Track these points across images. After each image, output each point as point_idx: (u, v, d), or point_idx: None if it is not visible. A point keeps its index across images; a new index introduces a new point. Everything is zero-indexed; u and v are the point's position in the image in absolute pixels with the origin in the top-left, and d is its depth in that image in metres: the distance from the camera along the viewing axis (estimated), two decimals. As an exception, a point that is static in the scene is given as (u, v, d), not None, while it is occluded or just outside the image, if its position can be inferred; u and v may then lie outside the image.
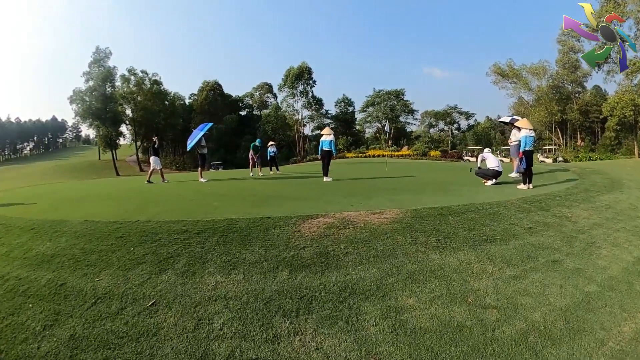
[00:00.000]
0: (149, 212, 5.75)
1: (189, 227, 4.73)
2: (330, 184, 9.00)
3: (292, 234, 4.07)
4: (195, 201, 6.88)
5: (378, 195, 6.77)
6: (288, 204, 6.04)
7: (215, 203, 6.50)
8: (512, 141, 10.90)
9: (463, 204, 5.63)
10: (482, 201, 6.01)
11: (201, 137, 11.71)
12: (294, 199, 6.61)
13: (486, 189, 7.70)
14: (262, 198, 6.92)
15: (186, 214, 5.44)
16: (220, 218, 4.96)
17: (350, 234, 4.03)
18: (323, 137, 10.38)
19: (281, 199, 6.70)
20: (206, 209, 5.85)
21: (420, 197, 6.44)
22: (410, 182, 9.26)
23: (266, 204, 6.10)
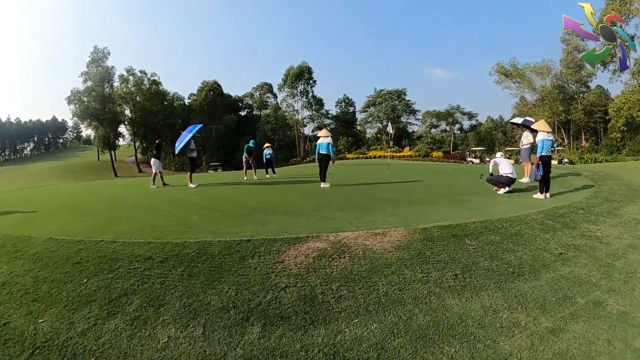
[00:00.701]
0: (119, 228, 5.08)
1: (155, 252, 4.00)
2: (328, 192, 8.24)
3: (273, 267, 3.31)
4: (173, 215, 6.13)
5: (380, 207, 6.01)
6: (276, 220, 5.28)
7: (194, 217, 5.75)
8: (524, 144, 10.15)
9: (479, 220, 4.86)
10: (500, 216, 5.25)
11: (190, 139, 10.98)
12: (284, 212, 5.84)
13: (500, 199, 6.93)
14: (248, 211, 6.16)
15: (158, 233, 4.71)
16: (193, 240, 4.22)
17: (346, 267, 3.26)
18: (320, 140, 9.62)
19: (269, 212, 5.94)
20: (182, 226, 5.11)
21: (428, 211, 5.66)
22: (415, 189, 8.49)
23: (251, 220, 5.36)
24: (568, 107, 51.59)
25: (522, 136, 10.42)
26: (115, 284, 3.42)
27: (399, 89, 65.29)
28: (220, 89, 68.29)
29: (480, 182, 9.38)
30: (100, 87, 53.46)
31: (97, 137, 57.50)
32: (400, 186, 9.25)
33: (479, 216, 5.28)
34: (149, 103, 58.23)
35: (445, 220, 4.89)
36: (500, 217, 5.19)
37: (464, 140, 70.29)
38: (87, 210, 7.06)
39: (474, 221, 4.81)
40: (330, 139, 9.62)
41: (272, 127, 58.86)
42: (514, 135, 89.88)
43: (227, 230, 4.65)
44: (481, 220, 4.87)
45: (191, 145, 11.16)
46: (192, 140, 11.19)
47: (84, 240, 4.46)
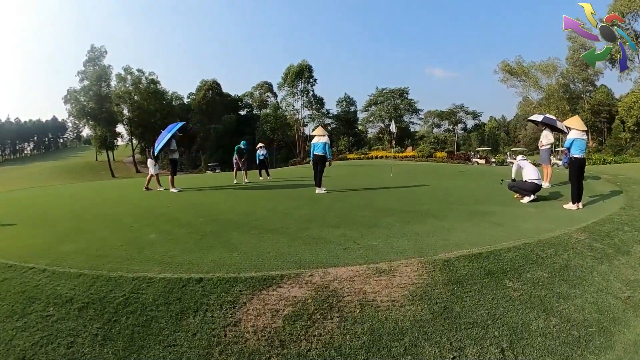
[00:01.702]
0: (64, 248, 4.15)
1: (79, 291, 2.99)
2: (323, 199, 7.08)
3: (221, 333, 2.17)
4: (132, 230, 5.01)
5: (384, 222, 4.84)
6: (250, 241, 4.15)
7: (152, 235, 4.62)
8: (543, 145, 9.00)
9: (513, 245, 3.72)
10: (536, 236, 4.12)
11: (170, 139, 9.85)
12: (263, 230, 4.69)
13: (526, 210, 5.76)
14: (221, 226, 5.02)
15: (99, 258, 3.70)
16: (130, 275, 3.12)
17: (333, 340, 2.10)
18: (315, 139, 8.46)
19: (246, 229, 4.79)
20: (131, 249, 4.02)
21: (445, 228, 4.50)
22: (424, 196, 7.31)
23: (219, 241, 4.22)
24: (574, 106, 50.29)
25: (541, 136, 9.27)
26: (16, 342, 2.35)
27: (401, 88, 64.03)
28: (220, 88, 67.15)
29: (497, 188, 8.23)
30: (97, 86, 52.46)
31: (94, 137, 56.49)
32: (406, 192, 8.07)
33: (510, 236, 4.14)
34: (147, 102, 57.19)
35: (470, 244, 3.73)
36: (538, 239, 4.05)
37: (467, 140, 68.95)
38: (50, 220, 6.15)
39: (508, 247, 3.66)
40: (327, 138, 8.46)
41: (271, 126, 57.73)
42: (516, 135, 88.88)
43: (180, 259, 3.54)
44: (517, 246, 3.72)
45: (172, 145, 10.03)
46: (172, 141, 10.06)
47: (15, 266, 3.57)
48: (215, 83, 66.26)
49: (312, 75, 59.93)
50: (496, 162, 37.01)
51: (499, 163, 36.66)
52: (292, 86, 60.06)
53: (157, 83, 60.99)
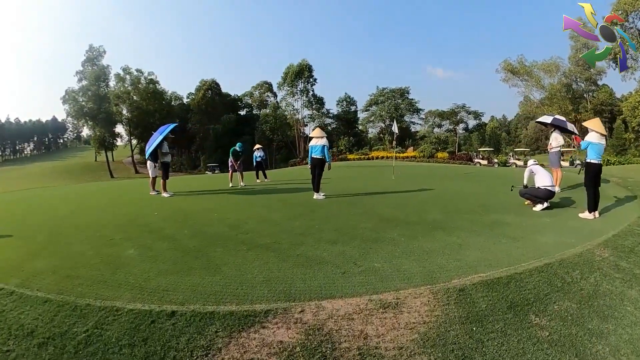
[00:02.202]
0: (36, 265, 3.80)
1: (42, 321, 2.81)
2: (321, 206, 6.63)
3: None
4: (111, 244, 4.57)
5: (388, 236, 4.38)
6: (235, 261, 3.71)
7: (130, 251, 4.19)
8: (553, 147, 8.55)
9: (534, 265, 3.28)
10: (557, 253, 3.69)
11: (161, 141, 9.41)
12: (252, 245, 4.24)
13: (541, 220, 5.31)
14: (206, 240, 4.58)
15: (70, 279, 3.33)
16: (98, 304, 2.77)
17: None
18: (313, 141, 7.99)
19: (233, 244, 4.35)
20: (105, 268, 3.60)
21: (456, 244, 4.05)
22: (429, 203, 6.84)
23: (201, 260, 3.79)
24: (577, 106, 49.77)
25: (550, 138, 8.81)
26: None
27: (402, 87, 63.54)
28: (219, 88, 66.67)
29: (506, 193, 7.77)
30: (96, 86, 52.03)
31: (92, 137, 56.06)
32: (410, 197, 7.61)
33: (529, 253, 3.72)
34: (146, 103, 56.77)
35: (487, 265, 3.29)
36: (560, 258, 3.61)
37: (467, 140, 68.41)
38: (30, 229, 5.74)
39: (529, 269, 3.22)
40: (326, 140, 8.00)
41: (270, 126, 57.26)
42: (518, 135, 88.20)
43: (155, 283, 3.13)
44: (539, 267, 3.28)
45: (163, 148, 9.59)
46: (164, 143, 9.63)
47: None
48: (215, 83, 65.79)
49: (312, 75, 59.51)
50: (498, 163, 36.47)
51: (501, 164, 36.14)
52: (292, 86, 59.63)
53: (156, 83, 60.57)
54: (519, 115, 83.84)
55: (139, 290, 3.02)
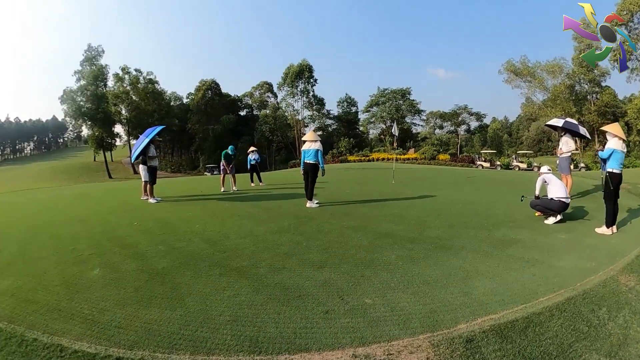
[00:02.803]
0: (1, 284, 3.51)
1: None
2: (311, 220, 6.06)
3: None
4: (77, 261, 4.19)
5: (382, 259, 3.80)
6: (202, 291, 3.19)
7: (95, 271, 3.73)
8: (563, 152, 8.00)
9: (554, 304, 2.74)
10: (580, 286, 3.15)
11: (148, 144, 8.90)
12: (226, 269, 3.70)
13: (555, 237, 4.74)
14: (178, 260, 4.05)
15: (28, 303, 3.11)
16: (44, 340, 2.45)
17: None
18: (306, 145, 7.45)
19: (206, 267, 3.82)
20: (65, 292, 3.26)
21: (462, 269, 3.50)
22: (433, 214, 6.23)
23: (165, 288, 3.28)
24: (580, 107, 49.14)
25: (560, 142, 8.26)
26: None
27: (403, 88, 62.96)
28: (219, 88, 66.19)
29: (514, 202, 7.22)
30: (94, 86, 51.58)
31: (90, 137, 55.61)
32: (411, 207, 7.03)
33: (547, 282, 3.21)
34: (144, 103, 56.33)
35: (499, 301, 2.74)
36: (583, 290, 3.08)
37: (469, 142, 67.75)
38: None
39: (549, 306, 2.69)
40: (319, 144, 7.46)
41: (270, 127, 56.74)
42: (519, 136, 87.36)
43: (110, 317, 2.74)
44: (559, 304, 2.75)
45: (150, 151, 9.08)
46: (151, 146, 9.12)
47: None
48: (215, 83, 65.34)
49: (312, 75, 58.99)
50: (501, 166, 35.84)
51: (504, 166, 35.52)
52: (292, 86, 59.14)
53: (155, 83, 60.14)
54: (520, 117, 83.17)
55: (91, 325, 2.63)
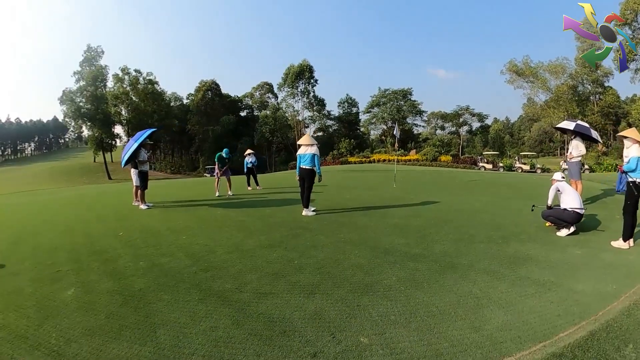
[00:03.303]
0: None
1: None
2: (306, 231, 5.66)
3: None
4: (54, 277, 3.93)
5: (383, 282, 3.39)
6: (177, 321, 2.84)
7: (70, 291, 3.40)
8: (573, 157, 7.62)
9: (575, 341, 2.37)
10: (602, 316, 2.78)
11: (138, 148, 8.54)
12: (206, 293, 3.33)
13: (570, 252, 4.35)
14: (156, 280, 3.70)
15: None
16: None
17: None
18: (302, 150, 7.05)
19: (185, 289, 3.46)
20: (35, 315, 3.04)
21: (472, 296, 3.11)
22: (437, 224, 5.80)
23: (138, 316, 2.96)
24: (584, 108, 48.67)
25: (569, 146, 7.87)
26: None
27: (404, 89, 62.62)
28: (219, 89, 65.91)
29: (523, 210, 6.84)
30: (93, 87, 51.32)
31: (90, 138, 55.33)
32: (414, 216, 6.61)
33: (566, 312, 2.84)
34: (144, 103, 56.05)
35: (514, 340, 2.36)
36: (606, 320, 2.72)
37: (470, 143, 67.30)
38: None
39: (569, 344, 2.33)
40: (316, 148, 7.08)
41: (270, 128, 56.38)
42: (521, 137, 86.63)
43: (75, 350, 2.50)
44: (581, 342, 2.38)
45: (140, 155, 8.74)
46: (142, 150, 8.77)
47: None
48: (214, 83, 65.06)
49: (312, 76, 58.67)
50: (504, 167, 35.36)
51: (506, 168, 35.04)
52: (293, 87, 58.81)
53: (155, 83, 59.86)
54: (522, 117, 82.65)
55: (55, 358, 2.39)
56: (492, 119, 79.73)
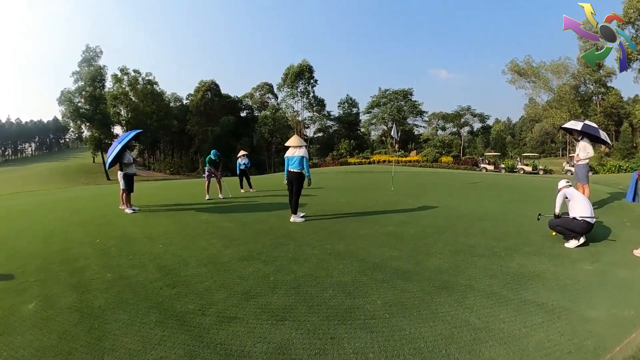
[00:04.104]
0: None
1: None
2: (290, 241, 5.23)
3: None
4: (20, 289, 3.69)
5: (366, 307, 2.94)
6: (127, 347, 2.51)
7: (30, 306, 2.93)
8: (580, 159, 7.19)
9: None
10: (620, 354, 2.33)
11: (122, 150, 8.17)
12: (166, 315, 2.92)
13: (581, 268, 3.90)
14: (116, 299, 3.31)
15: None
16: None
17: None
18: (290, 152, 6.62)
19: (144, 309, 3.07)
20: None
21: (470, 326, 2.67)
22: (433, 233, 5.37)
23: (87, 339, 2.66)
24: (586, 108, 48.11)
25: (576, 147, 7.42)
26: None
27: (405, 89, 62.14)
28: (218, 89, 65.49)
29: (527, 216, 6.39)
30: (92, 87, 51.03)
31: (89, 138, 55.05)
32: (409, 223, 6.13)
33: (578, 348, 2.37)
34: (143, 104, 55.76)
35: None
36: (623, 358, 2.26)
37: (472, 143, 66.75)
38: None
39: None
40: (305, 150, 6.65)
41: (269, 129, 55.97)
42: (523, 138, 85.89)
43: None
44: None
45: (125, 158, 8.36)
46: (127, 152, 8.40)
47: None
48: (214, 84, 64.67)
49: (312, 76, 58.27)
50: (505, 169, 34.82)
51: (508, 169, 34.50)
52: (292, 87, 58.42)
53: (154, 84, 59.58)
54: (523, 118, 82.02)
55: None
56: (494, 119, 79.08)
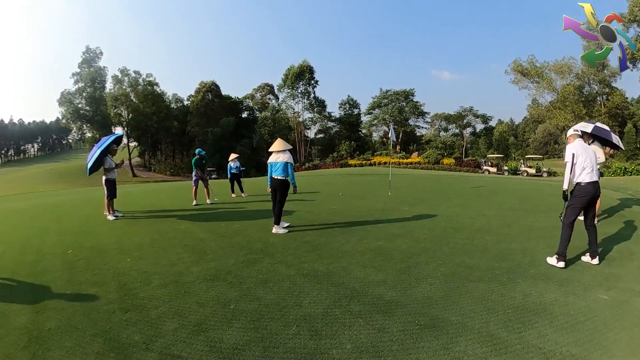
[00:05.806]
0: None
1: None
2: (266, 257, 4.71)
3: None
4: None
5: (331, 356, 2.48)
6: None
7: None
8: (594, 163, 6.60)
9: None
10: None
11: (102, 154, 7.76)
12: (106, 348, 2.51)
13: (594, 295, 3.38)
14: (63, 324, 2.87)
15: None
16: None
17: None
18: (272, 157, 6.09)
19: (88, 339, 2.70)
20: None
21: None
22: (428, 249, 4.88)
23: None
24: (591, 109, 47.36)
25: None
26: None
27: (406, 90, 61.50)
28: (219, 90, 65.19)
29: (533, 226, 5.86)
30: (92, 88, 50.88)
31: (89, 139, 54.89)
32: (402, 236, 5.60)
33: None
34: (143, 105, 55.56)
35: None
36: None
37: (474, 145, 66.03)
38: None
39: None
40: (289, 154, 6.12)
41: (269, 130, 55.53)
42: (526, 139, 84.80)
43: None
44: None
45: (106, 162, 7.96)
46: (108, 157, 8.00)
47: None
48: (214, 85, 64.38)
49: (313, 77, 57.80)
50: (509, 171, 34.18)
51: (511, 171, 33.85)
52: (293, 88, 57.97)
53: (155, 85, 59.38)
54: (527, 119, 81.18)
55: None
56: (497, 120, 78.23)
